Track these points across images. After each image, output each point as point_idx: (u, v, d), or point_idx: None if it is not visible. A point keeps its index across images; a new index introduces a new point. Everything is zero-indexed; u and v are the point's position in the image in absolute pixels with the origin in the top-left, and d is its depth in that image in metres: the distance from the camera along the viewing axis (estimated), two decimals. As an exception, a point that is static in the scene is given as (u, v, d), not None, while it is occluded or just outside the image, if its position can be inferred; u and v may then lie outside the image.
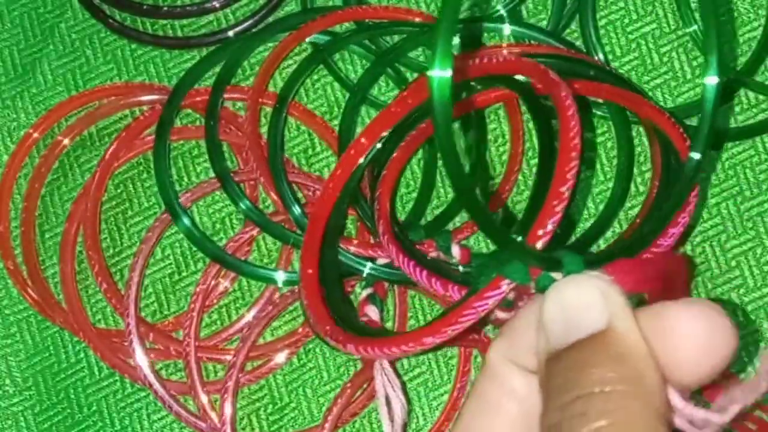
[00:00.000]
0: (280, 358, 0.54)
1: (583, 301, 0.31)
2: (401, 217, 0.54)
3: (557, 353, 0.31)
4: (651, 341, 0.31)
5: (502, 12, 0.55)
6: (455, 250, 0.50)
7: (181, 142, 0.56)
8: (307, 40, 0.55)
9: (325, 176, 0.55)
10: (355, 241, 0.52)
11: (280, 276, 0.54)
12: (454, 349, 0.54)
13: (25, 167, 0.56)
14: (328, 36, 0.55)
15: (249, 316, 0.55)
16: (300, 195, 0.54)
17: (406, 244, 0.49)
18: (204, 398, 0.53)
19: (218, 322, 0.55)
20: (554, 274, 0.34)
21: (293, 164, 0.56)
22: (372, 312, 0.51)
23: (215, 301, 0.55)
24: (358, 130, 0.54)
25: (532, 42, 0.54)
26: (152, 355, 0.54)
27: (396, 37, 0.56)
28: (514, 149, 0.55)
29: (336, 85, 0.56)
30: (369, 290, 0.52)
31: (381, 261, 0.52)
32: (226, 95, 0.55)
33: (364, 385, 0.53)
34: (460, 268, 0.50)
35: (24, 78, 0.57)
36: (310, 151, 0.56)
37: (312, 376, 0.55)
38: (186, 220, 0.53)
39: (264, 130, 0.55)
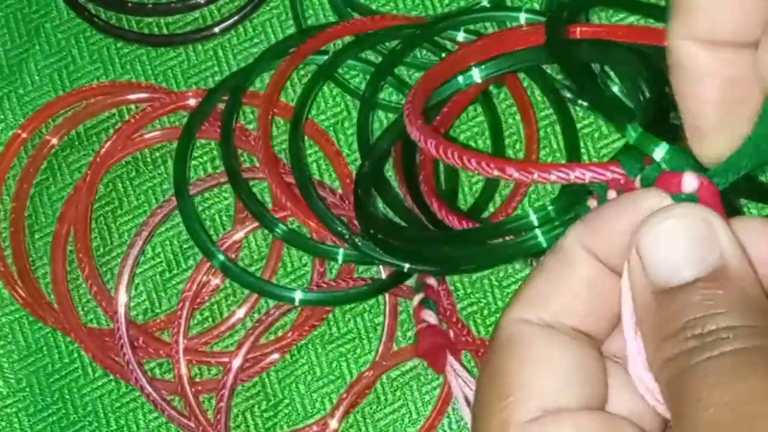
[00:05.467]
0: (272, 355, 0.54)
1: (694, 236, 0.30)
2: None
3: (673, 288, 0.30)
4: None
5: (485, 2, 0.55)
6: None
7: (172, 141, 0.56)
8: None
9: (314, 174, 0.56)
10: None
11: (298, 295, 0.53)
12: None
13: (14, 168, 0.56)
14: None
15: (240, 313, 0.55)
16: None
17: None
18: (192, 400, 0.53)
19: (210, 320, 0.55)
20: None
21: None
22: (429, 316, 0.52)
23: (206, 298, 0.55)
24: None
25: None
26: (140, 353, 0.54)
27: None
28: (528, 132, 0.55)
29: (325, 86, 0.56)
30: (420, 295, 0.52)
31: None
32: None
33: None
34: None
35: (11, 79, 0.57)
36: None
37: (305, 372, 0.55)
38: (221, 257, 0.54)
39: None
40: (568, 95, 0.54)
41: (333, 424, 0.53)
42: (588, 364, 0.32)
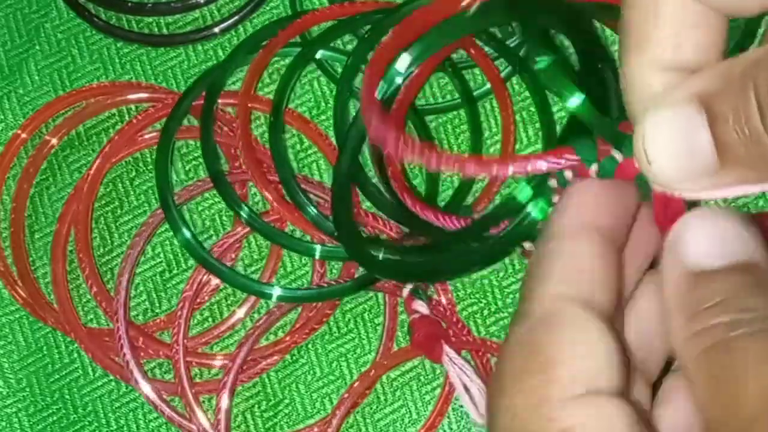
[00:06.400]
0: (273, 356, 0.54)
1: (733, 229, 0.32)
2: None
3: (707, 272, 0.31)
4: None
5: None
6: None
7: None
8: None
9: (314, 175, 0.55)
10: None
11: (276, 291, 0.54)
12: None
13: (14, 168, 0.56)
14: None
15: (240, 313, 0.55)
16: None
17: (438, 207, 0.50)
18: (193, 401, 0.53)
19: (210, 320, 0.55)
20: (615, 155, 0.34)
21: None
22: (421, 307, 0.52)
23: (207, 297, 0.55)
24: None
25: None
26: (142, 354, 0.54)
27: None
28: (506, 137, 0.55)
29: (322, 79, 0.56)
30: (409, 286, 0.52)
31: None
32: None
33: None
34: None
35: (11, 79, 0.57)
36: (297, 147, 0.56)
37: (305, 372, 0.55)
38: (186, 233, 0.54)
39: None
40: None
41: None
42: (620, 349, 0.32)
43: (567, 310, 0.32)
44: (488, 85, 0.55)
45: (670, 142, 0.31)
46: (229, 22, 0.56)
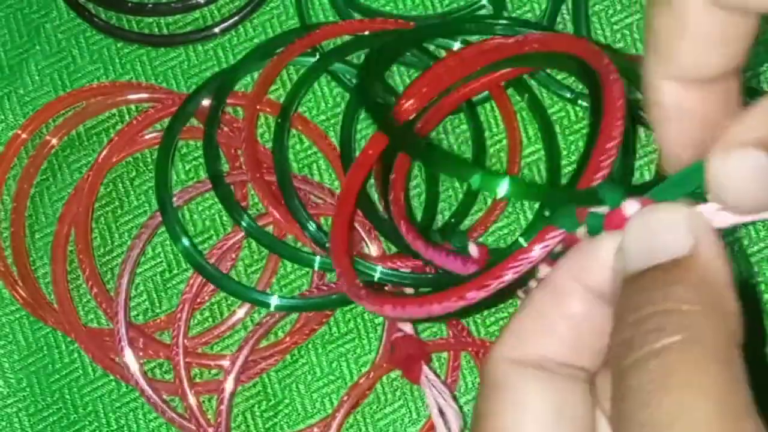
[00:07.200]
0: (273, 357, 0.55)
1: (667, 225, 0.30)
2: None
3: (636, 274, 0.30)
4: None
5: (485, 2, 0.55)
6: (472, 249, 0.49)
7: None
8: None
9: (314, 175, 0.56)
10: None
11: (274, 301, 0.53)
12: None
13: (14, 168, 0.56)
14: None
15: (240, 314, 0.55)
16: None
17: (430, 239, 0.49)
18: (193, 401, 0.53)
19: (210, 320, 0.55)
20: (600, 210, 0.33)
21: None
22: (405, 326, 0.52)
23: (207, 298, 0.55)
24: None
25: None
26: (141, 353, 0.54)
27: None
28: (511, 140, 0.55)
29: (322, 79, 0.56)
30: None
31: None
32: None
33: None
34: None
35: (11, 79, 0.57)
36: (298, 147, 0.56)
37: (305, 372, 0.55)
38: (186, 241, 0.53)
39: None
40: (568, 95, 0.54)
41: None
42: (574, 404, 0.32)
43: (509, 375, 0.32)
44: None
45: (745, 182, 0.29)
46: (230, 22, 0.56)
